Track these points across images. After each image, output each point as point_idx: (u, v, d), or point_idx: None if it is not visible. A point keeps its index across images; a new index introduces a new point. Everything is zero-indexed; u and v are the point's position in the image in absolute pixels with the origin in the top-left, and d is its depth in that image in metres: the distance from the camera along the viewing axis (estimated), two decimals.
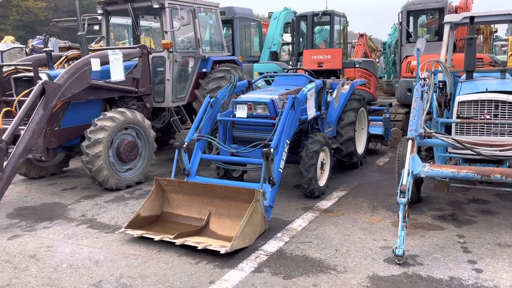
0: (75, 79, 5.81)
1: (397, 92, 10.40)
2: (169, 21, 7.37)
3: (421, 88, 4.53)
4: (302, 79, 6.25)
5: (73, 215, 5.22)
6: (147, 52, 6.99)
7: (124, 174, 6.32)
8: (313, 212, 5.08)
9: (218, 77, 8.03)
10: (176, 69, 7.59)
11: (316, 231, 4.49)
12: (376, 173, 6.84)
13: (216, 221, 4.56)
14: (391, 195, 5.65)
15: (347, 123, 6.63)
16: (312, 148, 5.36)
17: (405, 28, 10.61)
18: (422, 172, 4.02)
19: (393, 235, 4.33)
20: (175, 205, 4.85)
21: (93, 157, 5.81)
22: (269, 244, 4.22)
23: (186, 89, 7.95)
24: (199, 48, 8.02)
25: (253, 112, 5.36)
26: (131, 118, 6.29)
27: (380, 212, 5.02)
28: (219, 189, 4.51)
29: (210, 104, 5.48)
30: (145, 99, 7.12)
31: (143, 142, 6.59)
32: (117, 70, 6.43)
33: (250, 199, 4.31)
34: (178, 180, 4.84)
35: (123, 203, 5.63)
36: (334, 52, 10.57)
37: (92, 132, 5.88)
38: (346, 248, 4.06)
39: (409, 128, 4.19)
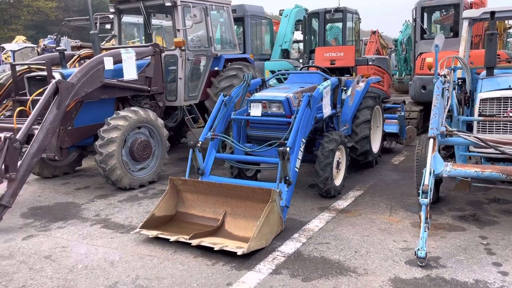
0: (88, 78, 5.77)
1: (411, 89, 10.25)
2: (181, 19, 7.31)
3: (442, 85, 4.40)
4: (317, 77, 6.15)
5: (87, 215, 5.19)
6: (160, 50, 6.94)
7: (137, 174, 6.28)
8: (329, 212, 4.99)
9: (231, 75, 7.96)
10: (189, 67, 7.54)
11: (334, 232, 4.40)
12: (392, 172, 6.72)
13: (231, 221, 4.49)
14: (408, 194, 5.54)
15: (362, 121, 6.52)
16: (328, 147, 5.26)
17: (419, 25, 10.44)
18: (444, 172, 3.91)
19: (413, 236, 4.22)
20: (189, 205, 4.79)
21: (106, 157, 5.77)
22: (286, 245, 4.14)
23: (198, 88, 7.89)
24: (211, 46, 7.96)
25: (267, 110, 5.28)
26: (144, 117, 6.24)
27: (399, 213, 4.91)
28: (235, 189, 4.44)
29: (224, 102, 5.40)
30: (157, 97, 7.08)
31: (156, 141, 6.55)
32: (130, 68, 6.39)
33: (266, 199, 4.23)
34: (193, 179, 4.78)
35: (137, 203, 5.58)
36: (347, 49, 10.42)
37: (105, 131, 5.84)
38: (365, 250, 3.97)
39: (430, 127, 4.08)
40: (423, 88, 9.92)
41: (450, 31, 10.58)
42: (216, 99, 7.75)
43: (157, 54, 6.89)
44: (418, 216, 4.69)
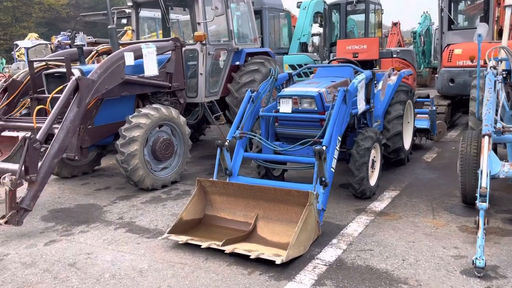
0: (109, 75, 5.52)
1: (438, 82, 9.83)
2: (201, 12, 7.01)
3: (494, 77, 4.05)
4: (348, 70, 5.82)
5: (110, 218, 4.95)
6: (181, 45, 6.66)
7: (160, 173, 6.03)
8: (367, 215, 4.68)
9: (252, 70, 7.66)
10: (209, 62, 7.25)
11: (376, 237, 4.09)
12: (426, 170, 6.38)
13: (264, 226, 4.21)
14: (449, 195, 5.20)
15: (394, 116, 6.18)
16: (363, 145, 4.95)
17: (446, 15, 10.01)
18: (501, 173, 3.58)
19: (464, 242, 3.90)
20: (218, 208, 4.52)
21: (128, 156, 5.52)
22: (326, 252, 3.84)
23: (219, 83, 7.60)
24: (231, 40, 7.66)
25: (298, 106, 4.97)
26: (166, 115, 5.97)
27: (442, 215, 4.58)
28: (268, 191, 4.15)
29: (251, 98, 5.10)
30: (178, 94, 6.81)
31: (178, 139, 6.28)
32: (151, 64, 6.12)
33: (303, 202, 3.94)
34: (222, 181, 4.50)
35: (161, 205, 5.33)
36: (370, 41, 10.04)
37: (127, 130, 5.59)
38: (413, 258, 3.65)
39: (484, 123, 3.75)
40: (451, 81, 9.51)
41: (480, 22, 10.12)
42: (237, 95, 7.48)
43: (177, 48, 6.62)
44: (464, 219, 4.41)
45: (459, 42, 9.90)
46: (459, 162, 4.63)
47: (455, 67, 9.51)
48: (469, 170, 4.54)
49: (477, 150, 4.57)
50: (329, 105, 4.96)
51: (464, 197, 4.69)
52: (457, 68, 9.46)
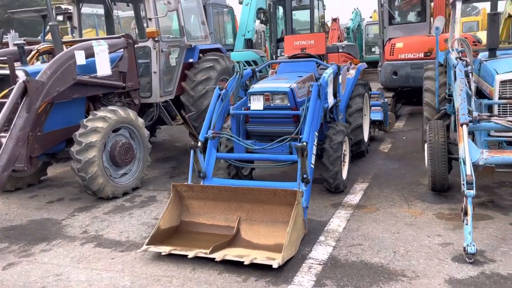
0: (60, 76, 5.03)
1: (381, 75, 10.17)
2: (152, 7, 6.64)
3: (464, 67, 4.18)
4: (311, 65, 5.79)
5: (73, 233, 4.52)
6: (133, 42, 6.25)
7: (120, 180, 5.63)
8: (345, 209, 4.67)
9: (207, 67, 7.41)
10: (163, 60, 6.90)
11: (360, 231, 4.08)
12: (387, 161, 6.53)
13: (248, 228, 4.04)
14: (416, 184, 5.35)
15: (355, 110, 6.25)
16: (336, 139, 4.93)
17: (387, 10, 10.37)
18: (480, 160, 3.69)
19: (445, 229, 3.99)
20: (196, 213, 4.27)
21: (86, 164, 5.08)
22: (316, 250, 3.76)
23: (173, 82, 7.28)
24: (183, 36, 7.35)
25: (270, 103, 4.83)
26: (124, 117, 5.58)
27: (416, 204, 4.68)
28: (252, 192, 3.98)
29: (220, 97, 4.89)
30: (132, 94, 6.40)
31: (137, 143, 5.91)
32: (103, 63, 5.68)
33: (289, 202, 3.82)
34: (201, 185, 4.27)
35: (127, 214, 4.96)
36: (317, 37, 10.18)
37: (82, 135, 5.14)
38: (403, 249, 3.67)
39: (461, 112, 3.84)
40: (394, 74, 9.87)
41: (418, 16, 10.62)
42: (193, 93, 7.21)
43: (130, 46, 6.20)
44: (437, 206, 4.53)
45: (400, 36, 10.31)
46: (428, 151, 4.75)
47: (397, 60, 9.88)
48: (438, 159, 4.67)
49: (445, 139, 4.73)
50: (300, 101, 4.88)
51: (434, 185, 4.82)
52: (400, 61, 9.84)
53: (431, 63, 6.80)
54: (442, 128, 4.82)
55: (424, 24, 10.26)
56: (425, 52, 9.61)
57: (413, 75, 9.74)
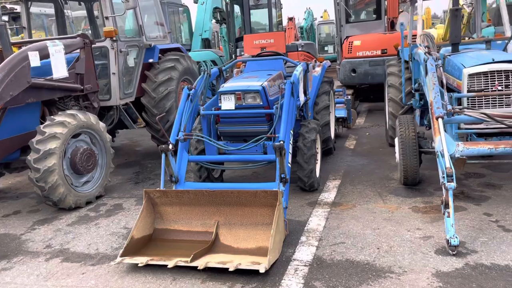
0: (13, 79, 4.64)
1: (340, 73, 10.30)
2: (109, 5, 6.32)
3: (435, 62, 4.23)
4: (279, 63, 5.71)
5: (35, 248, 4.17)
6: (90, 42, 5.90)
7: (82, 189, 5.29)
8: (321, 207, 4.61)
9: (168, 67, 7.17)
10: (122, 60, 6.59)
11: (341, 229, 4.03)
12: (355, 157, 6.57)
13: (227, 233, 3.88)
14: (386, 178, 5.40)
15: (322, 107, 6.24)
16: (310, 138, 4.87)
17: (343, 9, 10.50)
18: (457, 152, 3.74)
19: (423, 222, 4.02)
20: (170, 220, 4.06)
21: (45, 173, 4.73)
22: (300, 251, 3.66)
23: (133, 83, 6.97)
24: (142, 36, 7.06)
25: (242, 102, 4.70)
26: (84, 121, 5.25)
27: (391, 199, 4.71)
28: (231, 195, 3.83)
29: (189, 97, 4.70)
30: (91, 97, 6.04)
31: (99, 148, 5.58)
32: (60, 64, 5.31)
33: (270, 203, 3.72)
34: (176, 190, 4.06)
35: (93, 224, 4.66)
36: (276, 35, 10.12)
37: (40, 142, 4.77)
38: (386, 245, 3.66)
39: (435, 106, 3.88)
40: (352, 71, 10.03)
41: (374, 14, 10.83)
42: (155, 95, 6.94)
43: (87, 46, 5.85)
44: (411, 200, 4.58)
45: (357, 34, 10.49)
46: (400, 146, 4.80)
47: (355, 58, 10.04)
48: (410, 153, 4.73)
49: (415, 133, 4.79)
50: (272, 99, 4.79)
51: (405, 179, 4.88)
52: (358, 58, 10.01)
53: (392, 59, 6.92)
54: (412, 122, 4.89)
55: (380, 22, 10.48)
56: (382, 49, 9.83)
57: (371, 72, 9.93)
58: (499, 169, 5.39)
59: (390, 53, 9.69)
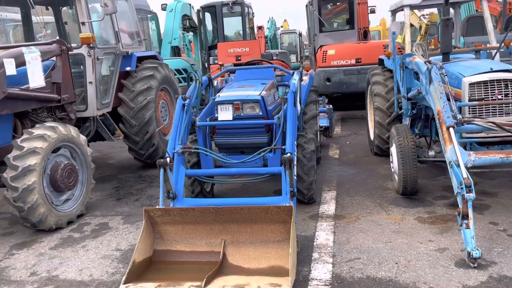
0: None
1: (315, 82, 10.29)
2: (85, 10, 5.93)
3: (439, 70, 4.20)
4: (270, 72, 5.55)
5: (18, 276, 3.74)
6: (67, 49, 5.49)
7: (63, 208, 4.87)
8: (325, 220, 4.46)
9: (147, 76, 6.84)
10: (99, 69, 6.20)
11: (352, 244, 3.89)
12: (343, 167, 6.49)
13: (235, 252, 3.64)
14: (381, 188, 5.33)
15: (311, 116, 6.10)
16: (309, 148, 4.72)
17: (317, 18, 10.55)
18: (469, 162, 3.70)
19: (433, 234, 3.96)
20: (172, 240, 3.77)
21: (24, 192, 4.30)
22: (316, 269, 3.48)
23: (110, 93, 6.58)
24: (118, 43, 6.70)
25: (240, 112, 4.49)
26: (65, 134, 4.85)
27: (393, 209, 4.63)
28: (240, 211, 3.59)
29: (184, 108, 4.43)
30: (68, 108, 5.61)
31: (79, 163, 5.17)
32: (36, 73, 4.89)
33: (282, 219, 3.52)
34: (179, 207, 3.78)
35: (80, 247, 4.26)
36: (252, 44, 10.03)
37: (18, 159, 4.34)
38: (403, 259, 3.54)
39: (445, 115, 3.84)
40: (327, 80, 10.06)
41: (347, 24, 10.94)
42: (133, 105, 6.60)
43: (64, 53, 5.43)
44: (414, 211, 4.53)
45: (330, 43, 10.55)
46: (399, 156, 4.74)
47: (330, 67, 10.08)
48: (409, 162, 4.68)
49: (414, 143, 4.76)
50: (270, 109, 4.62)
51: (404, 189, 4.83)
52: (332, 67, 10.05)
53: (376, 68, 6.93)
54: (410, 132, 4.86)
55: (353, 31, 10.61)
56: (357, 59, 9.92)
57: (346, 81, 10.00)
58: (487, 177, 5.45)
59: (365, 62, 9.82)
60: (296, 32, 27.53)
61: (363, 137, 8.52)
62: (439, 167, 5.91)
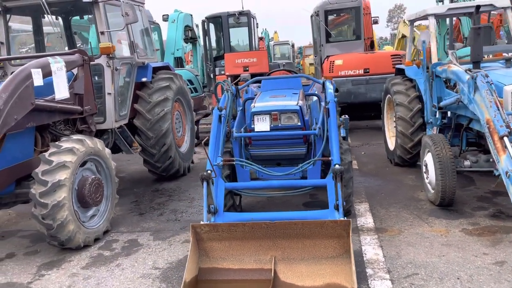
0: (17, 100, 3.99)
1: None
2: (104, 19, 5.77)
3: (485, 78, 4.13)
4: (297, 81, 5.43)
5: None
6: (89, 59, 5.30)
7: (89, 224, 4.64)
8: (367, 234, 4.32)
9: (163, 86, 6.68)
10: (117, 79, 6.01)
11: (404, 258, 3.75)
12: (366, 177, 6.39)
13: (286, 269, 3.48)
14: (414, 199, 5.23)
15: None
16: (346, 159, 4.58)
17: (324, 28, 10.52)
18: None
19: (485, 246, 3.85)
20: (218, 257, 3.59)
21: (54, 208, 4.07)
22: (375, 286, 3.34)
23: (127, 104, 6.39)
24: (134, 53, 6.53)
25: (278, 123, 4.35)
26: (92, 147, 4.64)
27: (434, 221, 4.52)
28: (294, 226, 3.43)
29: (221, 118, 4.28)
30: (89, 120, 5.40)
31: (104, 177, 4.96)
32: (61, 84, 4.68)
33: (338, 234, 3.38)
34: (228, 223, 3.60)
35: (114, 266, 4.05)
36: (259, 54, 9.94)
37: (47, 173, 4.12)
38: (464, 274, 3.42)
39: (497, 124, 3.76)
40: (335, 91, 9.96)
41: (353, 34, 10.93)
42: (150, 116, 6.42)
43: (86, 63, 5.24)
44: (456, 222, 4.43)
45: (337, 53, 10.52)
46: (438, 166, 4.65)
47: (337, 77, 10.01)
48: (448, 173, 4.59)
49: (452, 153, 4.68)
50: (307, 119, 4.50)
51: (442, 200, 4.72)
52: (340, 78, 9.99)
53: (396, 78, 6.88)
54: (447, 142, 4.78)
55: (359, 42, 10.60)
56: (365, 69, 9.89)
57: (354, 91, 9.95)
58: None
59: (373, 73, 9.81)
60: (289, 44, 27.63)
61: (377, 147, 8.47)
62: (466, 177, 5.84)
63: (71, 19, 7.31)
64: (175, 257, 4.13)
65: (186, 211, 5.45)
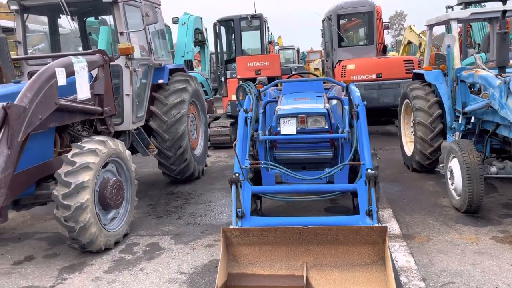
0: (42, 99, 3.91)
1: None
2: (123, 20, 5.70)
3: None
4: (319, 85, 5.37)
5: None
6: (109, 59, 5.23)
7: (110, 227, 4.56)
8: (395, 240, 4.23)
9: (180, 88, 6.61)
10: (136, 80, 5.95)
11: (437, 266, 3.66)
12: (385, 183, 6.26)
13: (319, 276, 3.39)
14: (439, 206, 5.15)
15: None
16: (373, 164, 4.50)
17: (336, 32, 10.46)
18: None
19: None
20: (247, 263, 3.50)
21: (77, 210, 3.99)
22: None
23: (144, 106, 6.32)
24: (151, 54, 6.46)
25: (304, 126, 4.28)
26: (114, 149, 4.56)
27: (462, 229, 4.43)
28: (327, 232, 3.35)
29: (247, 121, 4.21)
30: (108, 121, 5.32)
31: (125, 179, 4.88)
32: (83, 84, 4.62)
33: (373, 240, 3.30)
34: (260, 228, 3.51)
35: (138, 270, 3.95)
36: (272, 58, 9.84)
37: (70, 174, 4.03)
38: (501, 282, 3.34)
39: None
40: None
41: (366, 39, 10.88)
42: (166, 118, 6.34)
43: (106, 64, 5.17)
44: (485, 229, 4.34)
45: (349, 58, 10.45)
46: (465, 172, 4.56)
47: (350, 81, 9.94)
48: (476, 179, 4.51)
49: (480, 159, 4.60)
50: (334, 123, 4.42)
51: (469, 207, 4.64)
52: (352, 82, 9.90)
53: (414, 83, 6.81)
54: (474, 148, 4.70)
55: (372, 46, 10.54)
56: (378, 74, 9.82)
57: (367, 96, 9.84)
58: None
59: (386, 77, 9.73)
60: (294, 48, 27.60)
61: (391, 152, 8.39)
62: (488, 184, 5.74)
63: (86, 20, 7.26)
64: (199, 261, 4.04)
65: (204, 215, 5.36)
